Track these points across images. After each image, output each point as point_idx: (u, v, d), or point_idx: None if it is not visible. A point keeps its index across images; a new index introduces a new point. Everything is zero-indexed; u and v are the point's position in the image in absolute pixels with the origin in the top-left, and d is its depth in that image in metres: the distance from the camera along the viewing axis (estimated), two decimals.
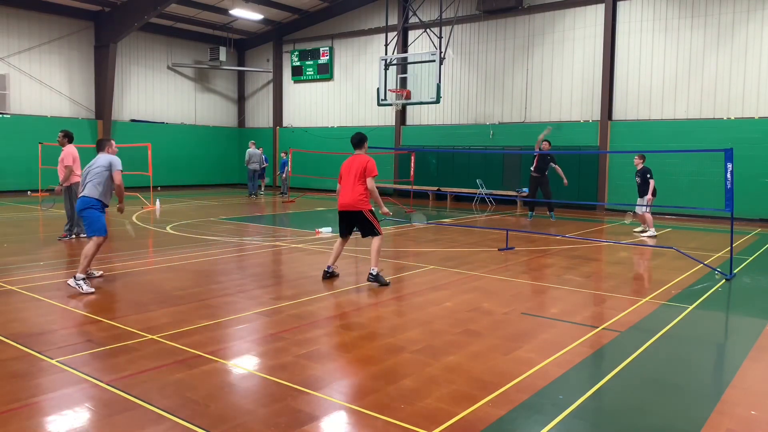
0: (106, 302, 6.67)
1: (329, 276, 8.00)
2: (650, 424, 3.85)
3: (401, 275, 8.34)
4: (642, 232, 13.10)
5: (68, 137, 11.16)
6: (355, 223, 7.83)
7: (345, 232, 7.93)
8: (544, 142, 15.41)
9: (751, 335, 5.83)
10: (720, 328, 6.44)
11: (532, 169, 15.78)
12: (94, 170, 7.44)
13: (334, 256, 8.01)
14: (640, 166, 12.83)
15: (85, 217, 7.38)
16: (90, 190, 7.35)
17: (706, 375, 4.94)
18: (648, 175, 12.68)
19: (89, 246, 7.23)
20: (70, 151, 10.82)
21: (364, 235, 7.86)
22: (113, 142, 7.97)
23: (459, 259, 9.58)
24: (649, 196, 12.67)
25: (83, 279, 7.06)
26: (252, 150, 22.03)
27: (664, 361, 5.09)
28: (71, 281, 7.10)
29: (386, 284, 7.60)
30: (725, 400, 4.23)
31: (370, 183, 7.60)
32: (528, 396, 4.19)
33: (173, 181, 25.34)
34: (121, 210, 7.77)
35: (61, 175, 10.66)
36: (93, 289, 7.00)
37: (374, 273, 7.60)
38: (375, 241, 7.66)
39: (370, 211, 7.71)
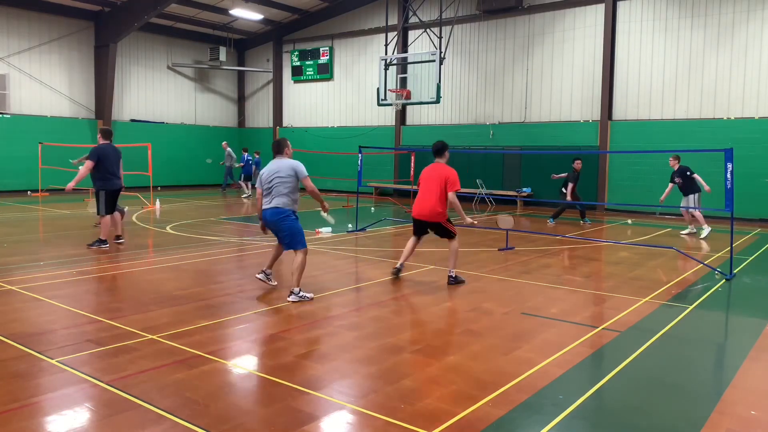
0: (106, 302, 6.67)
1: (398, 273, 8.13)
2: (650, 424, 3.85)
3: (401, 275, 8.33)
4: (690, 234, 12.99)
5: None
6: (429, 228, 7.97)
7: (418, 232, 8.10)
8: (576, 161, 14.72)
9: (751, 335, 5.83)
10: (720, 328, 6.45)
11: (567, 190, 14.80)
12: (279, 177, 6.87)
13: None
14: (676, 167, 12.83)
15: (288, 228, 6.96)
16: (283, 201, 6.89)
17: (706, 375, 4.94)
18: (688, 173, 12.68)
19: (301, 258, 6.94)
20: None
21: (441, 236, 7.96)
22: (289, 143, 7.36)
23: (459, 259, 9.56)
24: (706, 187, 12.59)
25: (301, 290, 6.87)
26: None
27: (664, 361, 5.09)
28: (292, 297, 6.78)
29: (463, 282, 7.84)
30: (725, 400, 4.23)
31: (451, 197, 7.61)
32: (528, 396, 4.19)
33: (173, 181, 25.33)
34: (325, 209, 7.63)
35: None
36: (313, 295, 6.96)
37: (453, 275, 7.81)
38: (454, 243, 7.84)
39: (448, 220, 7.82)
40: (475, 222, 8.02)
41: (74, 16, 22.44)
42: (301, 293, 6.87)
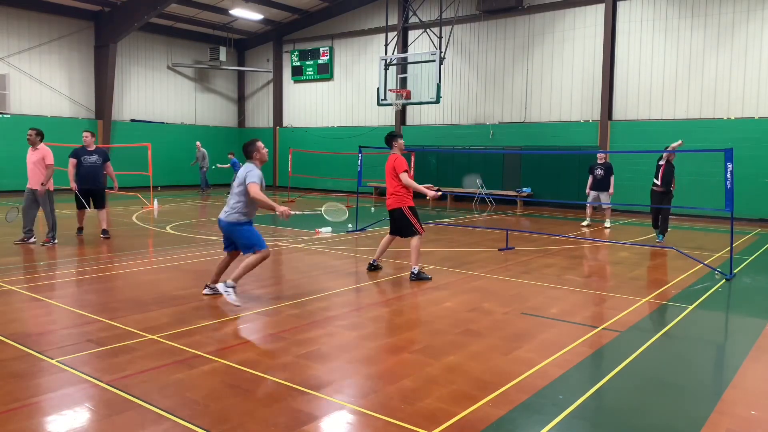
0: (106, 302, 6.67)
1: (374, 269, 8.49)
2: (650, 424, 3.85)
3: (401, 275, 8.34)
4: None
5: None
6: (396, 220, 8.19)
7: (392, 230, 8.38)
8: (671, 153, 12.26)
9: (751, 335, 5.83)
10: (720, 328, 6.44)
11: (657, 182, 12.11)
12: (235, 183, 6.52)
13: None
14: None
15: (241, 236, 6.49)
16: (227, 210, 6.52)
17: (706, 375, 4.94)
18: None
19: (254, 258, 6.43)
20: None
21: (403, 235, 8.14)
22: (259, 144, 6.63)
23: (459, 259, 9.58)
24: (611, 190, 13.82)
25: (233, 288, 6.46)
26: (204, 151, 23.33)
27: (664, 361, 5.09)
28: (220, 286, 6.51)
29: (429, 279, 7.98)
30: (725, 400, 4.23)
31: (403, 177, 8.01)
32: (528, 396, 4.19)
33: (173, 181, 25.33)
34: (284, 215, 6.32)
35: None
36: (240, 304, 6.38)
37: (415, 272, 7.95)
38: (413, 241, 8.02)
39: (409, 208, 8.07)
40: (438, 194, 8.39)
41: (74, 16, 22.44)
42: (230, 290, 6.40)
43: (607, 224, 14.39)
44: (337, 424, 3.82)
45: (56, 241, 10.43)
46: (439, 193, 8.48)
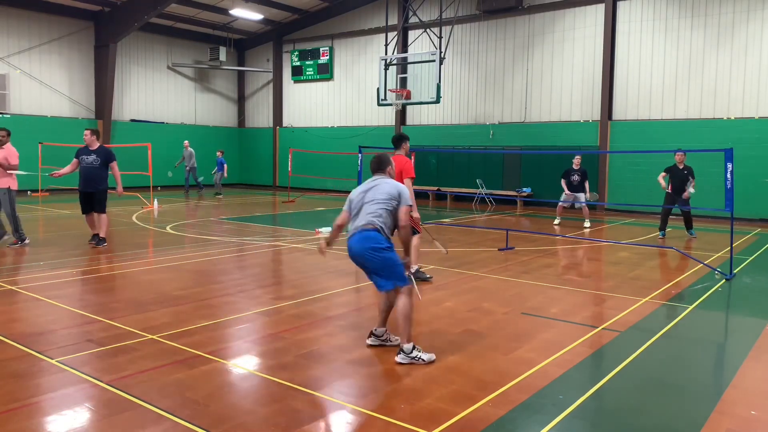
0: (106, 302, 6.67)
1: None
2: (650, 424, 3.85)
3: None
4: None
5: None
6: None
7: None
8: (678, 154, 12.52)
9: (751, 335, 5.83)
10: (720, 328, 6.45)
11: (668, 190, 12.68)
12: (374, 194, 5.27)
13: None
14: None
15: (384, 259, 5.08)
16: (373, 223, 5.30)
17: (706, 375, 4.94)
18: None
19: (404, 302, 4.88)
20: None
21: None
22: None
23: (459, 259, 9.58)
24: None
25: (414, 347, 4.82)
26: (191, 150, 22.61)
27: (664, 361, 5.09)
28: (400, 357, 4.79)
29: (429, 279, 7.93)
30: (725, 400, 4.23)
31: (408, 185, 7.66)
32: (528, 396, 4.19)
33: (173, 180, 25.33)
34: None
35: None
36: (434, 356, 4.89)
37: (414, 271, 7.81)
38: (413, 240, 7.49)
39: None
40: (418, 218, 7.74)
41: (74, 16, 22.43)
42: (415, 353, 4.80)
43: (587, 224, 14.36)
44: (337, 424, 3.82)
45: (27, 241, 10.15)
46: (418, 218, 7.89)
